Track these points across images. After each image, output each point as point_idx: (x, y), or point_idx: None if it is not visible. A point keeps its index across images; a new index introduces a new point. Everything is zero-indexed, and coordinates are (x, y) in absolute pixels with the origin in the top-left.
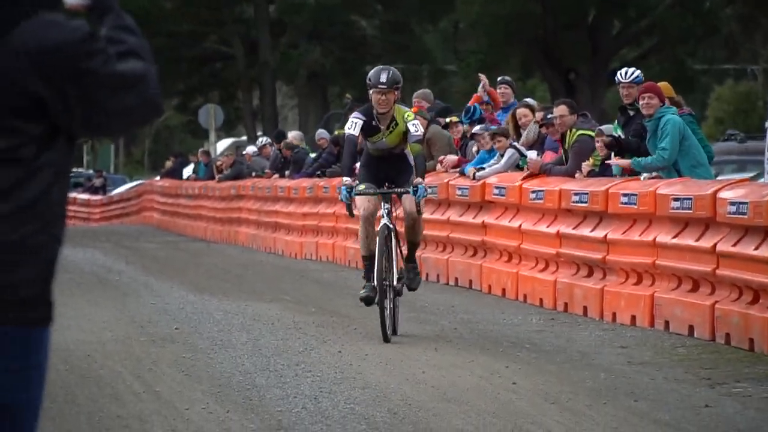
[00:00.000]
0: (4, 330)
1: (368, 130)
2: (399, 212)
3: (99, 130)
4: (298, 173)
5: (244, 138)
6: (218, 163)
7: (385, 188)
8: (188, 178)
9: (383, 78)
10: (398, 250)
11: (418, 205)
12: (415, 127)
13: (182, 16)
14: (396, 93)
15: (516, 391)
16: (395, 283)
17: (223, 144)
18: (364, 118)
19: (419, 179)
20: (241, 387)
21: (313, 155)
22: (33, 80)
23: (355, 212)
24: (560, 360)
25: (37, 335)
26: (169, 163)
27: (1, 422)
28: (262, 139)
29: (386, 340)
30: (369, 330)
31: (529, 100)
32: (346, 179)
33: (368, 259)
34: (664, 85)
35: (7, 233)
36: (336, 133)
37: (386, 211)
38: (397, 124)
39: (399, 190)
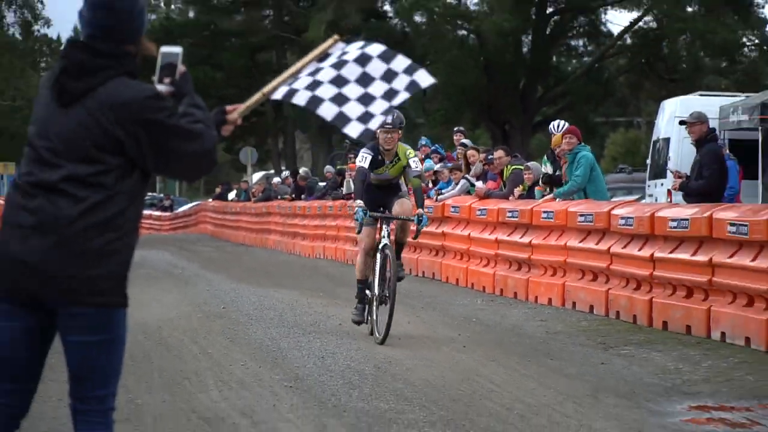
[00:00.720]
0: (86, 311)
1: (374, 163)
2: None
3: (168, 171)
4: (310, 197)
5: (272, 171)
6: (253, 190)
7: (385, 213)
8: (232, 200)
9: (389, 119)
10: (392, 272)
11: (418, 233)
12: (416, 164)
13: (228, 84)
14: (399, 132)
15: (466, 352)
16: (387, 291)
17: (257, 176)
18: (372, 154)
19: (420, 210)
20: (270, 349)
21: (321, 184)
22: (112, 125)
23: (359, 236)
24: (498, 330)
25: (114, 315)
26: (218, 190)
27: (90, 384)
28: (285, 173)
29: (381, 341)
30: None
31: (466, 141)
32: (359, 202)
33: (362, 283)
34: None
35: (90, 240)
36: (338, 167)
37: (387, 231)
38: (399, 159)
39: (404, 217)
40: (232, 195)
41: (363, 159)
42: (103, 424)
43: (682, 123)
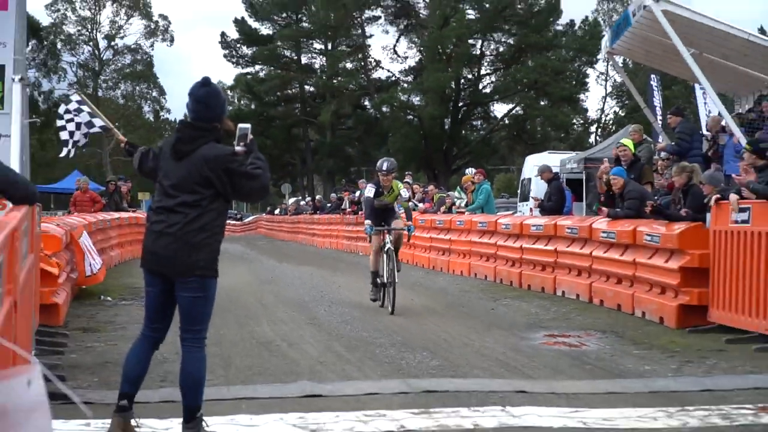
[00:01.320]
0: (193, 279)
1: (376, 194)
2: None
3: (239, 197)
4: (322, 212)
5: (300, 197)
6: (289, 208)
7: (385, 227)
8: (277, 214)
9: (385, 166)
10: (393, 265)
11: (409, 238)
12: (405, 192)
13: (274, 148)
14: (393, 174)
15: (414, 303)
16: (391, 278)
17: (291, 200)
18: (375, 187)
19: (410, 223)
20: (298, 302)
21: (329, 205)
22: (206, 171)
23: (370, 243)
24: (431, 291)
25: (209, 282)
26: (269, 208)
27: (192, 323)
28: (308, 198)
29: (392, 312)
30: (354, 279)
31: (409, 180)
32: (368, 222)
33: (374, 273)
34: (467, 177)
35: (195, 237)
36: (338, 195)
37: (390, 239)
38: (393, 190)
39: (398, 228)
40: (277, 211)
41: (369, 191)
42: (199, 347)
43: (537, 174)
